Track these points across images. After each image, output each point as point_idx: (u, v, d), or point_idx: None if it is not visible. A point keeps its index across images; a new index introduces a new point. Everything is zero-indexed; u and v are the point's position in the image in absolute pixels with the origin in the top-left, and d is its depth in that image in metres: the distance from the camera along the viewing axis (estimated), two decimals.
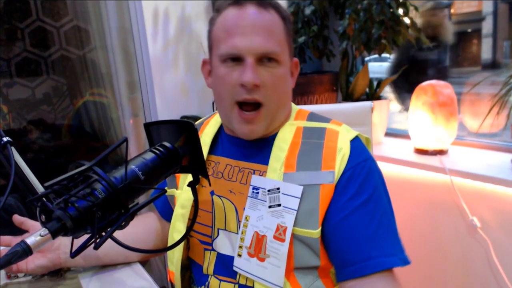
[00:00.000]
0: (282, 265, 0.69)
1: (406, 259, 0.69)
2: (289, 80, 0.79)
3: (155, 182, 0.60)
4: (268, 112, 0.74)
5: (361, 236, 0.69)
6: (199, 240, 0.82)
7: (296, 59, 0.81)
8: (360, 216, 0.70)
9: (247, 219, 0.74)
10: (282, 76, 0.74)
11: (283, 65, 0.74)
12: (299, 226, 0.70)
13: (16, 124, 2.23)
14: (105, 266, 0.90)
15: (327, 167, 0.71)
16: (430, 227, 1.40)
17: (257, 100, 0.72)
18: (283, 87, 0.75)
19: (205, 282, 0.79)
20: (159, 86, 1.85)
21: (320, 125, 0.78)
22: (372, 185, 0.72)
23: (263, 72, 0.71)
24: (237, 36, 0.70)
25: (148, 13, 1.78)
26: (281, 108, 0.77)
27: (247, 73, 0.70)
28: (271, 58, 0.71)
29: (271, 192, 0.72)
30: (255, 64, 0.70)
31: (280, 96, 0.75)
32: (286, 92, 0.78)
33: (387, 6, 1.54)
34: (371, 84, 1.73)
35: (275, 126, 0.78)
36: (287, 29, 0.75)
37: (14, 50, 2.18)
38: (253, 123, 0.74)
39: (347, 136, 0.75)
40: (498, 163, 1.31)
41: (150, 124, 0.67)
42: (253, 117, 0.73)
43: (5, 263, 0.45)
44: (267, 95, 0.72)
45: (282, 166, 0.73)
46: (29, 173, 0.61)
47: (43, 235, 0.47)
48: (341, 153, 0.72)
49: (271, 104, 0.73)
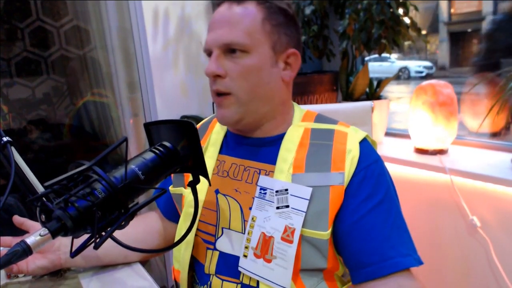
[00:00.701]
0: (289, 266, 0.68)
1: (420, 259, 0.70)
2: (269, 70, 0.75)
3: (155, 182, 0.60)
4: (238, 100, 0.74)
5: (378, 237, 0.69)
6: (203, 239, 0.81)
7: (293, 50, 0.78)
8: (376, 217, 0.70)
9: (253, 219, 0.73)
10: (252, 66, 0.73)
11: (254, 55, 0.73)
12: (308, 227, 0.69)
13: (16, 124, 2.23)
14: (105, 266, 0.90)
15: (337, 169, 0.71)
16: (430, 226, 1.40)
17: (220, 91, 0.74)
18: (255, 77, 0.74)
19: (207, 281, 0.79)
20: (159, 86, 1.85)
21: (328, 126, 0.78)
22: (384, 186, 0.73)
23: (228, 62, 0.73)
24: (209, 32, 0.75)
25: (148, 13, 1.78)
26: (257, 99, 0.75)
27: (208, 64, 0.73)
28: (235, 48, 0.72)
29: (279, 193, 0.72)
30: (220, 55, 0.73)
31: (253, 86, 0.74)
32: (264, 83, 0.75)
33: (387, 6, 1.54)
34: (371, 84, 1.73)
35: (257, 118, 0.77)
36: (272, 18, 0.74)
37: (14, 50, 2.18)
38: (223, 106, 0.75)
39: (356, 138, 0.75)
40: (498, 162, 1.31)
41: (150, 124, 0.67)
42: (221, 100, 0.75)
43: (5, 263, 0.45)
44: (234, 85, 0.73)
45: (290, 167, 0.73)
46: (29, 173, 0.61)
47: (43, 235, 0.47)
48: (351, 154, 0.72)
49: (239, 92, 0.73)
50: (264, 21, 0.74)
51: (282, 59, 0.77)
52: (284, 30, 0.76)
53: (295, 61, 0.79)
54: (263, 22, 0.73)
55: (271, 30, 0.74)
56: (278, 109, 0.79)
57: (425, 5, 6.33)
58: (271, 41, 0.74)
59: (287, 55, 0.77)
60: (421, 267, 0.70)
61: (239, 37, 0.72)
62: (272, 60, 0.75)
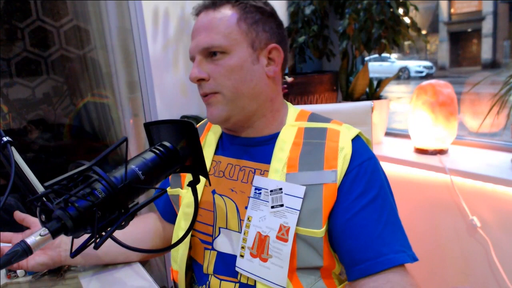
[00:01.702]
0: (285, 265, 0.69)
1: (415, 256, 0.70)
2: (251, 68, 0.76)
3: (155, 182, 0.60)
4: (224, 98, 0.76)
5: (371, 234, 0.69)
6: (200, 239, 0.82)
7: (273, 45, 0.78)
8: (369, 214, 0.70)
9: (249, 219, 0.74)
10: (233, 65, 0.75)
11: (233, 55, 0.75)
12: (302, 225, 0.70)
13: (16, 124, 2.23)
14: (105, 266, 0.90)
15: (329, 167, 0.72)
16: (430, 226, 1.40)
17: (206, 93, 0.77)
18: (238, 75, 0.75)
19: (206, 281, 0.79)
20: (159, 86, 1.85)
21: (321, 125, 0.78)
22: (378, 183, 0.73)
23: (209, 65, 0.76)
24: (191, 41, 0.79)
25: (148, 13, 1.78)
26: (243, 96, 0.76)
27: (192, 70, 0.76)
28: (215, 51, 0.75)
29: (274, 192, 0.73)
30: (202, 60, 0.76)
31: (237, 84, 0.75)
32: (247, 80, 0.76)
33: (387, 5, 1.54)
34: (371, 84, 1.73)
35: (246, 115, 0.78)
36: (247, 17, 0.76)
37: (14, 50, 2.18)
38: (211, 105, 0.77)
39: (348, 135, 0.75)
40: (498, 162, 1.31)
41: (150, 124, 0.67)
42: (208, 98, 0.77)
43: (5, 262, 0.45)
44: (218, 85, 0.76)
45: (284, 166, 0.74)
46: (29, 173, 0.61)
47: (43, 234, 0.48)
48: (343, 152, 0.73)
49: (225, 91, 0.76)
50: (239, 21, 0.76)
51: (264, 55, 0.78)
52: (262, 27, 0.78)
53: (277, 55, 0.80)
54: (238, 22, 0.76)
55: (247, 29, 0.76)
56: (267, 106, 0.80)
57: (425, 5, 6.34)
58: (248, 39, 0.76)
59: (268, 51, 0.78)
60: (421, 267, 0.70)
61: (216, 40, 0.74)
62: (253, 57, 0.77)
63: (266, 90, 0.79)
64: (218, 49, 0.75)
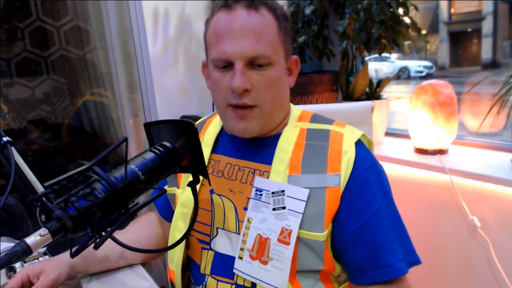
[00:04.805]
0: (286, 268, 0.68)
1: (418, 259, 0.72)
2: (285, 79, 0.77)
3: (155, 182, 0.60)
4: (262, 112, 0.73)
5: (380, 243, 0.70)
6: (198, 239, 0.81)
7: (295, 57, 0.79)
8: (377, 223, 0.71)
9: (249, 221, 0.73)
10: (275, 78, 0.73)
11: (276, 66, 0.73)
12: (304, 229, 0.69)
13: (16, 124, 2.23)
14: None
15: (333, 170, 0.71)
16: (430, 227, 1.40)
17: (248, 104, 0.72)
18: (277, 88, 0.74)
19: (203, 282, 0.79)
20: (159, 86, 1.85)
21: (324, 127, 0.77)
22: (382, 190, 0.73)
23: (254, 75, 0.71)
24: (226, 41, 0.70)
25: (148, 13, 1.78)
26: (277, 108, 0.76)
27: (235, 79, 0.69)
28: (261, 61, 0.70)
29: (276, 194, 0.71)
30: (244, 68, 0.70)
31: (275, 97, 0.74)
32: (281, 92, 0.76)
33: (387, 5, 1.54)
34: (371, 84, 1.73)
35: (272, 126, 0.78)
36: (282, 27, 0.74)
37: (14, 50, 2.18)
38: (246, 119, 0.73)
39: (351, 138, 0.75)
40: (498, 163, 1.30)
41: (150, 124, 0.67)
42: (246, 113, 0.72)
43: (5, 262, 0.45)
44: (260, 97, 0.72)
45: (286, 168, 0.73)
46: (29, 173, 0.61)
47: (43, 235, 0.47)
48: (347, 156, 0.72)
49: (264, 105, 0.73)
50: (279, 30, 0.73)
51: (288, 67, 0.78)
52: (290, 38, 0.77)
53: (296, 67, 0.80)
54: (278, 32, 0.73)
55: (284, 39, 0.74)
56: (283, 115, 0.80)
57: (425, 5, 6.34)
58: (284, 50, 0.75)
59: (291, 62, 0.78)
60: (421, 267, 0.70)
61: (267, 50, 0.70)
62: (285, 69, 0.76)
63: (288, 101, 0.81)
64: (266, 60, 0.70)
